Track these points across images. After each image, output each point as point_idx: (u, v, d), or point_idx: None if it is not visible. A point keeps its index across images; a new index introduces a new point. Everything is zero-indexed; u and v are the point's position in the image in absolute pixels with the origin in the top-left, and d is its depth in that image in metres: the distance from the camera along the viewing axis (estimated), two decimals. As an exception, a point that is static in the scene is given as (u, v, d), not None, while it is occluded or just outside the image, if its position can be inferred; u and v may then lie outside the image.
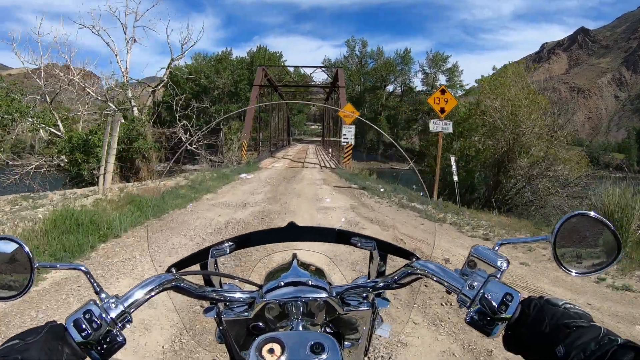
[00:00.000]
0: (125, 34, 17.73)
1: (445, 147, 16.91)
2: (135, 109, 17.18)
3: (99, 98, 17.39)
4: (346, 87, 48.72)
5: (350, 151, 16.56)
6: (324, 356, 0.58)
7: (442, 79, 62.16)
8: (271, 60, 53.77)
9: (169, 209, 7.00)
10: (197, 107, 47.89)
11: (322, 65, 26.16)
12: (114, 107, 17.28)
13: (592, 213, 0.65)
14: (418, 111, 60.94)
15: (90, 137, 13.17)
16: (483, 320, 0.62)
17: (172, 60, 18.26)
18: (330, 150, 33.31)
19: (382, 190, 9.59)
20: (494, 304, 0.61)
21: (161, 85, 18.46)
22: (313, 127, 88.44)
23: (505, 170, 14.97)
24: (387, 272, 0.87)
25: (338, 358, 0.59)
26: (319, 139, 69.96)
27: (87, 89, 17.21)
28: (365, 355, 0.88)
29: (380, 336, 0.96)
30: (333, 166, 18.56)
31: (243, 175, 12.05)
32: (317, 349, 0.59)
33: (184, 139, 18.37)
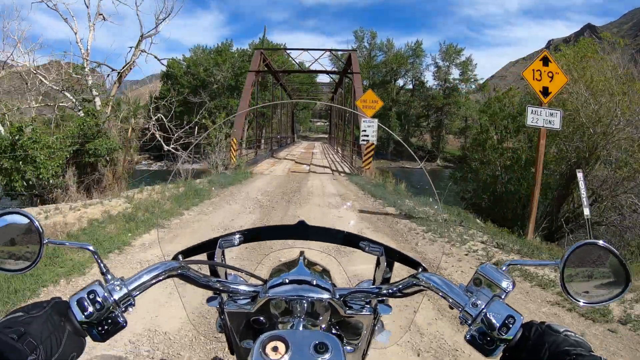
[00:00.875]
0: (87, 6, 14.11)
1: (490, 146, 13.22)
2: (97, 100, 13.57)
3: (55, 87, 13.81)
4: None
5: (372, 152, 12.86)
6: (327, 356, 0.57)
7: (455, 73, 58.19)
8: (275, 54, 50.14)
9: (39, 286, 3.44)
10: (194, 100, 44.01)
11: (330, 49, 21.79)
12: (71, 97, 13.71)
13: (600, 242, 0.64)
14: (430, 107, 57.06)
15: (19, 136, 9.61)
16: (483, 339, 0.61)
17: (142, 37, 14.57)
18: (338, 149, 29.67)
19: (440, 218, 5.93)
20: (495, 324, 0.60)
21: (127, 66, 14.69)
22: (319, 123, 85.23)
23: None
24: (392, 280, 0.87)
25: (341, 359, 0.58)
26: (325, 135, 66.52)
27: (39, 76, 13.66)
28: (364, 359, 0.87)
29: (379, 342, 0.87)
30: (347, 171, 14.88)
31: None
32: (320, 348, 0.58)
33: (157, 136, 14.81)
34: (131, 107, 13.39)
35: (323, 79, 44.89)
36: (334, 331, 0.79)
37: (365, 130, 11.61)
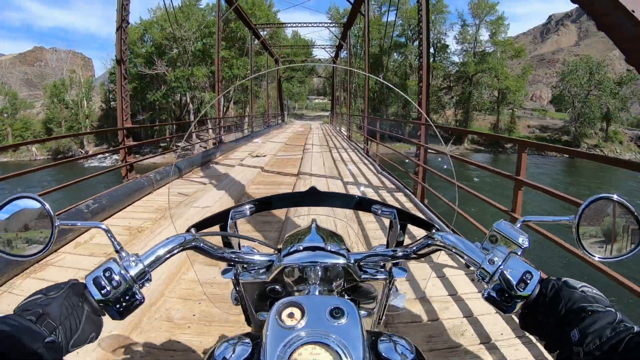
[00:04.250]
0: None
1: None
2: None
3: None
4: (360, 42, 32.93)
5: None
6: (343, 321, 0.57)
7: (484, 35, 46.04)
8: (255, 6, 37.76)
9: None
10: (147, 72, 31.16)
11: None
12: None
13: (615, 196, 0.63)
14: (460, 76, 44.67)
15: None
16: (501, 296, 0.61)
17: None
18: (344, 130, 18.08)
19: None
20: (513, 281, 0.60)
21: None
22: (317, 100, 73.89)
23: None
24: (405, 243, 0.85)
25: (357, 323, 0.57)
26: (326, 113, 54.41)
27: None
28: (379, 324, 0.86)
29: (395, 306, 0.87)
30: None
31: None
32: (336, 313, 0.58)
33: None
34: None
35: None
36: (349, 297, 0.77)
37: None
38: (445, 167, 6.36)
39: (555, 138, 44.87)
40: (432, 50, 47.32)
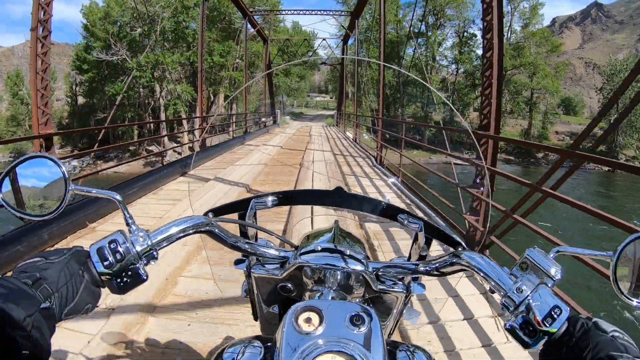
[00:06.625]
0: None
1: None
2: None
3: None
4: (373, 30, 25.50)
5: None
6: (363, 329, 0.54)
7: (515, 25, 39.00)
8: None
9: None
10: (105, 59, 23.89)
11: None
12: None
13: None
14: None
15: None
16: (525, 329, 0.56)
17: None
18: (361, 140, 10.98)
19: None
20: (539, 314, 0.55)
21: None
22: (318, 98, 66.94)
23: None
24: (428, 258, 0.80)
25: (378, 332, 0.55)
26: (328, 113, 47.03)
27: None
28: (389, 337, 0.82)
29: (408, 322, 0.81)
30: None
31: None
32: (357, 320, 0.55)
33: None
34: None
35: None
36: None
37: None
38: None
39: (589, 148, 37.87)
40: (456, 40, 39.82)
